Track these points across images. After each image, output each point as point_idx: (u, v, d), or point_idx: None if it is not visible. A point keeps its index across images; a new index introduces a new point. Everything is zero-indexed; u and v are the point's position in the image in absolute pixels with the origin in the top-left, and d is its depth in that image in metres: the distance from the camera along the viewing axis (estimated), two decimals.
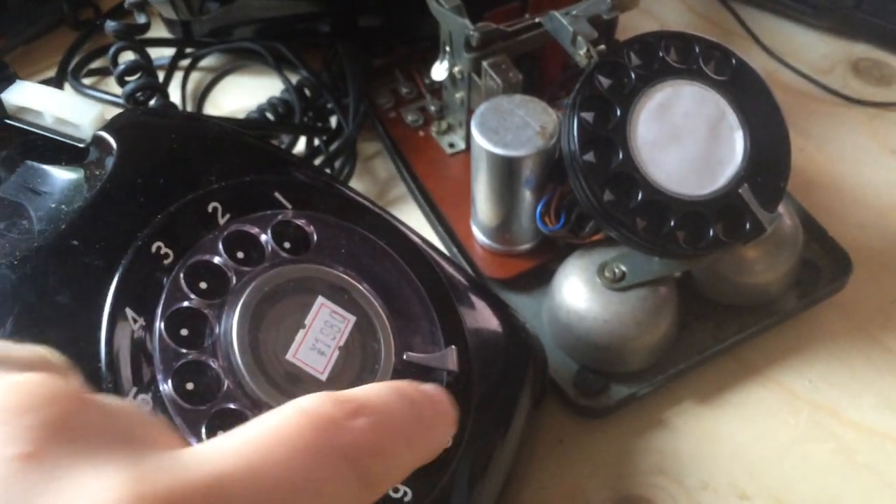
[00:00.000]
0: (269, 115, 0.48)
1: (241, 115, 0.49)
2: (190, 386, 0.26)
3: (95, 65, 0.53)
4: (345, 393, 0.17)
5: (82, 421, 0.15)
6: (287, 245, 0.30)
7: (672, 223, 0.34)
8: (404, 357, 0.29)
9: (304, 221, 0.31)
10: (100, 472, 0.14)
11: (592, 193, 0.34)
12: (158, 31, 0.49)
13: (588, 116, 0.35)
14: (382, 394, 0.18)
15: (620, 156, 0.34)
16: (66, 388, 0.15)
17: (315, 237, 0.30)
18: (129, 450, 0.15)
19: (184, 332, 0.27)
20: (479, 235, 0.42)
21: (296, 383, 0.27)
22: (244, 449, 0.15)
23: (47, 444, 0.14)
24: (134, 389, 0.25)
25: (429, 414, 0.18)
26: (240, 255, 0.29)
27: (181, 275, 0.27)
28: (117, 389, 0.25)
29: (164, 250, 0.27)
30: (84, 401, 0.15)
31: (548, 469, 0.37)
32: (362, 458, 0.16)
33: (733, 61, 0.36)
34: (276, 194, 0.31)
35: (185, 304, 0.27)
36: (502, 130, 0.36)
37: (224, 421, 0.26)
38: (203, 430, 0.26)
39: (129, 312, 0.26)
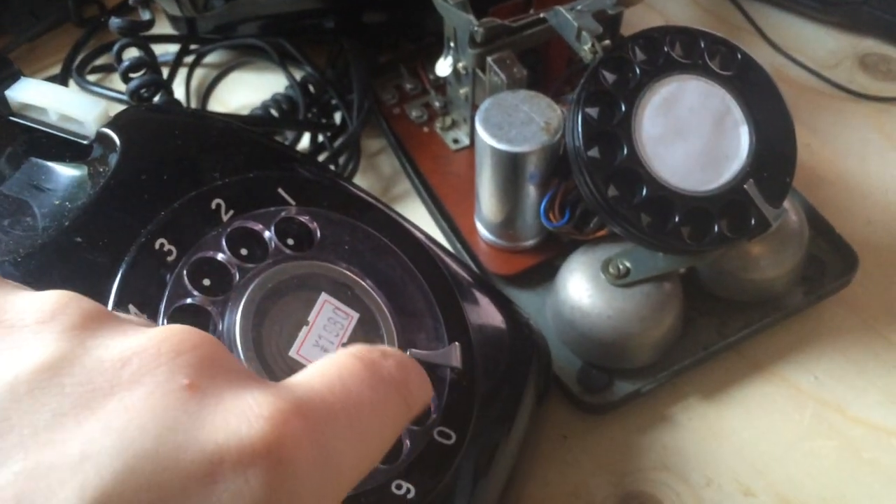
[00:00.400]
0: (273, 112, 0.48)
1: (246, 112, 0.49)
2: None
3: (100, 62, 0.53)
4: (373, 347, 0.22)
5: (221, 359, 0.18)
6: (290, 242, 0.30)
7: (677, 219, 0.34)
8: (408, 353, 0.29)
9: (307, 218, 0.30)
10: (247, 394, 0.17)
11: (597, 189, 0.34)
12: (163, 27, 0.49)
13: (593, 112, 0.35)
14: (394, 349, 0.22)
15: (625, 151, 0.34)
16: (204, 334, 0.18)
17: (319, 234, 0.30)
18: (255, 380, 0.18)
19: None
20: (483, 231, 0.42)
21: None
22: (325, 380, 0.19)
23: (202, 377, 0.17)
24: None
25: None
26: (243, 251, 0.29)
27: (184, 271, 0.27)
28: None
29: (167, 247, 0.27)
30: (216, 343, 0.19)
31: (551, 465, 0.37)
32: (400, 386, 0.21)
33: (739, 56, 0.36)
34: (280, 191, 0.31)
35: (189, 300, 0.27)
36: (507, 126, 0.36)
37: None
38: None
39: (132, 309, 0.26)
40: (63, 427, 0.16)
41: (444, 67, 0.43)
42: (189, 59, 0.52)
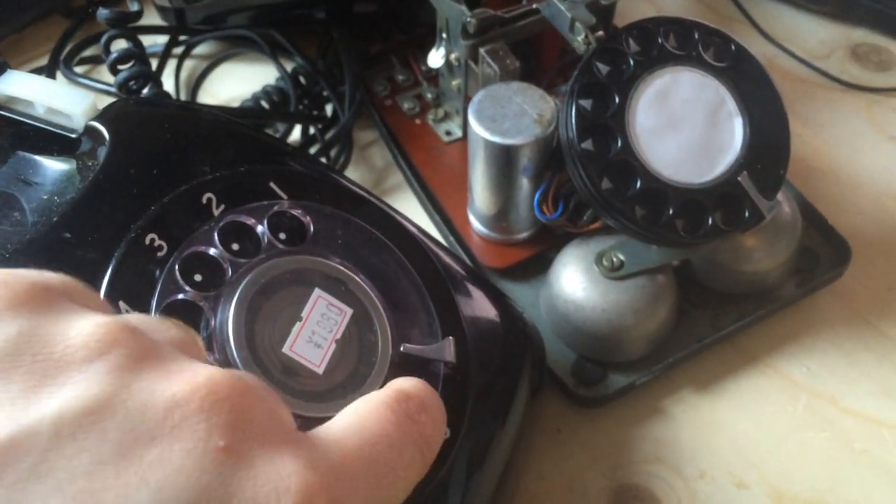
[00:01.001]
0: (264, 104, 0.47)
1: (236, 104, 0.48)
2: None
3: (88, 53, 0.52)
4: (410, 390, 0.22)
5: (256, 414, 0.18)
6: (283, 236, 0.29)
7: (671, 211, 0.34)
8: (401, 349, 0.29)
9: (300, 212, 0.30)
10: (278, 459, 0.18)
11: (591, 181, 0.34)
12: (151, 18, 0.48)
13: (586, 104, 0.34)
14: (427, 392, 0.22)
15: (619, 143, 0.34)
16: (239, 383, 0.18)
17: (311, 228, 0.30)
18: (287, 436, 0.18)
19: None
20: (477, 224, 0.41)
21: (292, 376, 0.27)
22: (356, 439, 0.20)
23: (236, 438, 0.17)
24: None
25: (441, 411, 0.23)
26: (235, 246, 0.29)
27: (176, 267, 0.27)
28: None
29: (157, 242, 0.27)
30: (253, 393, 0.18)
31: (546, 459, 0.37)
32: (424, 446, 0.21)
33: (732, 47, 0.36)
34: (272, 184, 0.30)
35: (180, 296, 0.27)
36: (500, 118, 0.36)
37: None
38: None
39: (122, 305, 0.26)
40: (101, 476, 0.16)
41: (436, 59, 0.43)
42: (178, 50, 0.52)
